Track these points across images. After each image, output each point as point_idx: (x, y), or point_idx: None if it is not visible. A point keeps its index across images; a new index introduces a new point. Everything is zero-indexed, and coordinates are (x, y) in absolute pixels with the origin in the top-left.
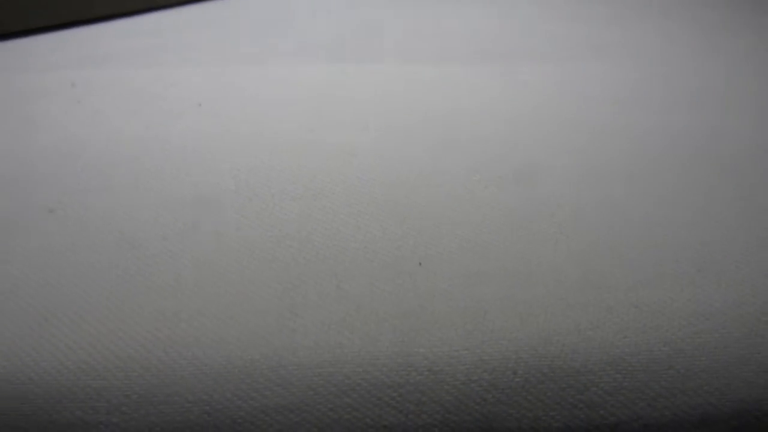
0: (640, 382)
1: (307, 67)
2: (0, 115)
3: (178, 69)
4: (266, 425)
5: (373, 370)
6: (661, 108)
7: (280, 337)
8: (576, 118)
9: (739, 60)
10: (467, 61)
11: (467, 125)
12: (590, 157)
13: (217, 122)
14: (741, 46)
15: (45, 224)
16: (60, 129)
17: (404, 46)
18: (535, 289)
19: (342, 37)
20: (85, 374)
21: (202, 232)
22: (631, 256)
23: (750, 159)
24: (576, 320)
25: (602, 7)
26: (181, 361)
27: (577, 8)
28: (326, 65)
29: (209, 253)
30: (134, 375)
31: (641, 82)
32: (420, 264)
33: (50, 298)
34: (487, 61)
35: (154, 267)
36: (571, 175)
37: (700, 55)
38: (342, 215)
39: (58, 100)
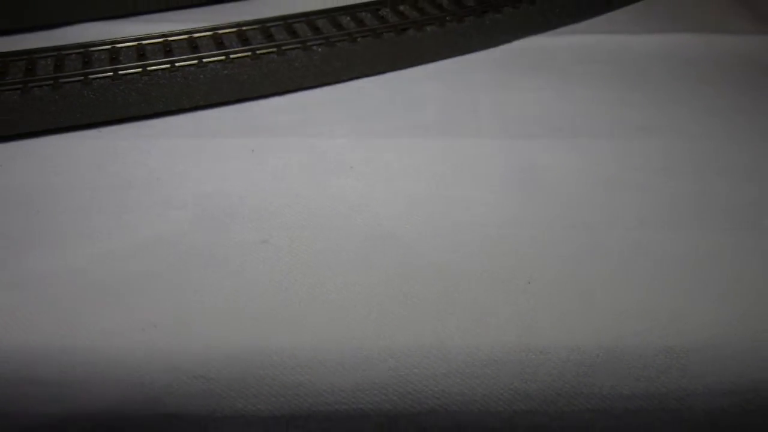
0: None
1: (425, 141)
2: (203, 172)
3: (328, 139)
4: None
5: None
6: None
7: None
8: (630, 181)
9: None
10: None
11: (549, 185)
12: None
13: (367, 180)
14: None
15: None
16: (250, 182)
17: (491, 123)
18: None
19: (445, 116)
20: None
21: (374, 262)
22: None
23: None
24: None
25: (640, 92)
26: None
27: (622, 92)
28: (438, 139)
29: (390, 269)
30: None
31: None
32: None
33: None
34: (557, 137)
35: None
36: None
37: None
38: (475, 247)
39: (243, 160)
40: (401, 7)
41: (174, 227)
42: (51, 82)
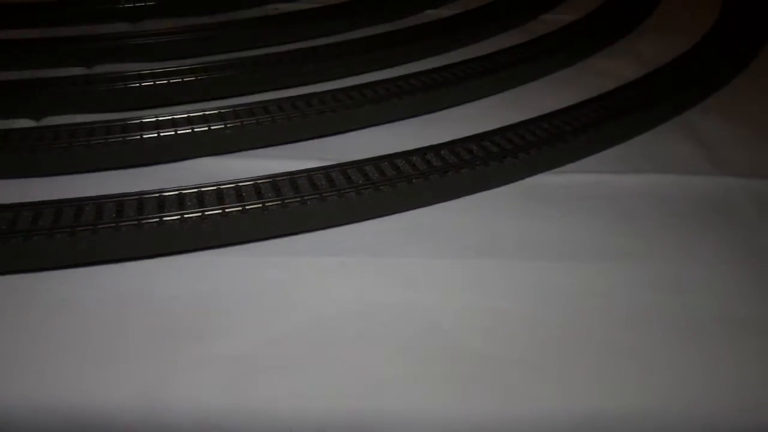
0: None
1: (468, 260)
2: (303, 286)
3: (398, 257)
4: None
5: None
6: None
7: None
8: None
9: None
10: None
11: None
12: None
13: (427, 291)
14: None
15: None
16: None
17: (511, 246)
18: None
19: (479, 239)
20: None
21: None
22: None
23: None
24: None
25: (625, 223)
26: None
27: (611, 224)
28: (479, 259)
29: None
30: None
31: None
32: None
33: None
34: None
35: None
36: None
37: None
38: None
39: (340, 275)
40: (442, 152)
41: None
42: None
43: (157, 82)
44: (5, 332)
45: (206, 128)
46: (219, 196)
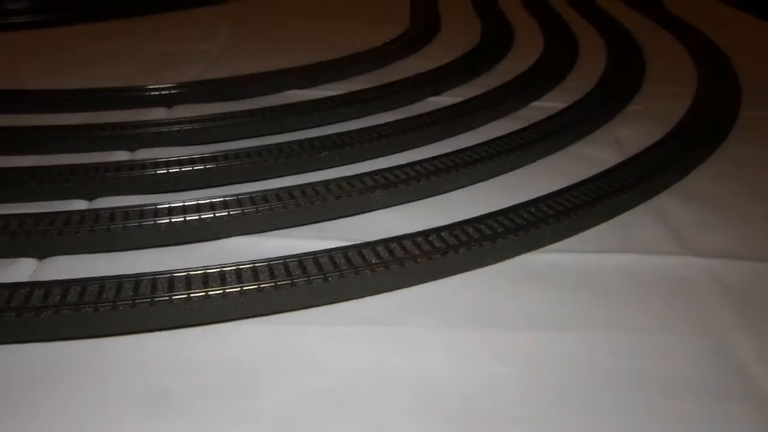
0: None
1: (465, 330)
2: (325, 352)
3: (409, 327)
4: None
5: None
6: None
7: None
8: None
9: None
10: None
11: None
12: None
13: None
14: None
15: None
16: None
17: (507, 319)
18: None
19: (476, 310)
20: None
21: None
22: None
23: None
24: None
25: (603, 300)
26: None
27: (591, 298)
28: (478, 329)
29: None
30: None
31: None
32: None
33: None
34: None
35: None
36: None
37: None
38: None
39: (357, 342)
40: (443, 234)
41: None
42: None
43: (195, 168)
44: (63, 395)
45: (240, 211)
46: (254, 273)
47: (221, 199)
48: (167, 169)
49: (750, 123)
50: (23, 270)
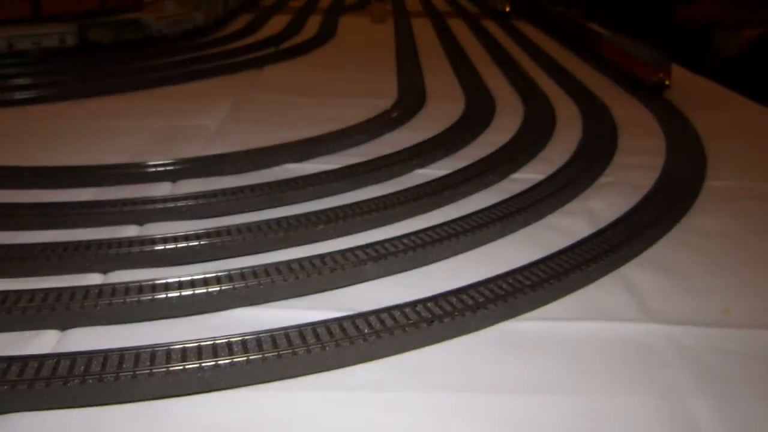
0: None
1: (460, 394)
2: (324, 415)
3: (398, 393)
4: None
5: None
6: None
7: None
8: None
9: None
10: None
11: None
12: None
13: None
14: None
15: None
16: (359, 417)
17: (486, 379)
18: None
19: (463, 371)
20: None
21: None
22: None
23: None
24: None
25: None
26: None
27: (559, 363)
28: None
29: None
30: None
31: None
32: None
33: None
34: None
35: None
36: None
37: None
38: None
39: (352, 406)
40: (429, 304)
41: None
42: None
43: (201, 243)
44: None
45: (244, 284)
46: (259, 343)
47: (227, 273)
48: (176, 245)
49: (714, 193)
50: (47, 341)
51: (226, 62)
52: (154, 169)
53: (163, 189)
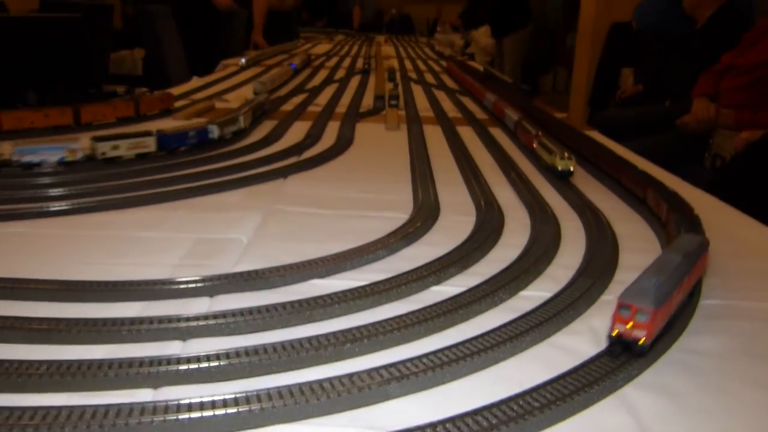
0: None
1: None
2: None
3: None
4: None
5: None
6: None
7: None
8: None
9: None
10: None
11: None
12: None
13: None
14: None
15: None
16: None
17: None
18: None
19: None
20: None
21: None
22: None
23: None
24: None
25: None
26: None
27: None
28: None
29: None
30: None
31: None
32: None
33: None
34: None
35: None
36: None
37: None
38: None
39: None
40: (447, 425)
41: None
42: None
43: (241, 361)
44: None
45: (282, 403)
46: None
47: (266, 392)
48: (219, 362)
49: (709, 312)
50: None
51: (256, 172)
52: (194, 285)
53: (201, 304)
